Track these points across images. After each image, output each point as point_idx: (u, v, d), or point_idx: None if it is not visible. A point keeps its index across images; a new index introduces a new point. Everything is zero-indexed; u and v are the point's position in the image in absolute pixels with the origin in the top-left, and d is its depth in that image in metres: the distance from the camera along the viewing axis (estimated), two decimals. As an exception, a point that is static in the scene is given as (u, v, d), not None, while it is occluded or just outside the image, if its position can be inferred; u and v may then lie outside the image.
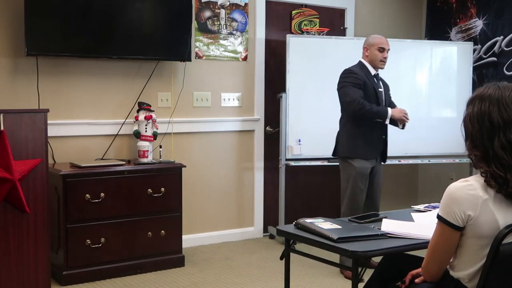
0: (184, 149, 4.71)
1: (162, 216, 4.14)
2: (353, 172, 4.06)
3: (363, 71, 4.09)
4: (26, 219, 3.46)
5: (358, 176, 4.06)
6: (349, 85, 4.02)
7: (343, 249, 2.26)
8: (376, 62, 4.09)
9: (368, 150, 4.08)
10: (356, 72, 4.05)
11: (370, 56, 4.11)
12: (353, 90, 4.00)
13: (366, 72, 4.09)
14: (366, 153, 4.07)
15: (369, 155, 4.08)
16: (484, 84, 2.03)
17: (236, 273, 4.14)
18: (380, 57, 4.08)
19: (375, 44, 4.10)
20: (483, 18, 5.44)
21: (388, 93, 4.26)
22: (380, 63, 4.10)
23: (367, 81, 4.05)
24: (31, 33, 3.85)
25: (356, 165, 4.05)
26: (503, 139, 1.89)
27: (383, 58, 4.09)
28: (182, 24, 4.44)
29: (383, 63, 4.11)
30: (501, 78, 5.11)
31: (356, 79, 4.01)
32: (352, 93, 3.99)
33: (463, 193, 1.91)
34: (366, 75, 4.08)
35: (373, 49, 4.10)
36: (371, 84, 4.06)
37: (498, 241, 1.87)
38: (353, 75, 4.04)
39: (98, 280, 3.89)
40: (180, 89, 4.65)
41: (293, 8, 5.25)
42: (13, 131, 3.38)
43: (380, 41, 4.12)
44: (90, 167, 3.93)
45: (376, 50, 4.09)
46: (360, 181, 4.06)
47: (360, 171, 4.05)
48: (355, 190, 4.07)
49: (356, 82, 4.01)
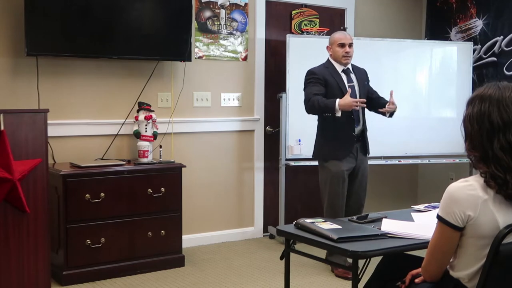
0: (184, 149, 4.71)
1: (162, 216, 4.14)
2: (329, 176, 4.04)
3: (328, 69, 4.09)
4: (26, 219, 3.46)
5: (334, 180, 4.02)
6: (307, 86, 4.06)
7: (343, 249, 2.25)
8: (339, 58, 4.08)
9: (340, 150, 4.04)
10: (314, 72, 4.06)
11: (333, 54, 4.11)
12: (308, 89, 4.02)
13: (331, 70, 4.09)
14: (338, 154, 4.03)
15: (341, 155, 4.03)
16: (484, 84, 2.02)
17: (236, 273, 4.14)
18: (341, 53, 4.06)
19: (335, 41, 4.09)
20: (483, 18, 5.44)
21: (364, 84, 4.19)
22: (343, 58, 4.07)
23: (330, 78, 4.04)
24: (31, 33, 3.85)
25: (332, 169, 4.03)
26: (502, 140, 1.89)
27: (345, 53, 4.06)
28: (182, 24, 4.44)
29: (346, 58, 4.07)
30: (501, 78, 5.11)
31: (314, 78, 4.03)
32: (306, 93, 4.03)
33: (463, 193, 1.91)
34: (331, 72, 4.07)
35: (334, 46, 4.09)
36: (335, 81, 4.04)
37: (498, 241, 1.87)
38: (311, 76, 4.06)
39: (98, 280, 3.89)
40: (180, 89, 4.65)
41: (293, 8, 5.25)
42: (13, 131, 3.38)
43: (339, 37, 4.10)
44: (90, 167, 3.93)
45: (337, 46, 4.08)
46: (337, 184, 4.02)
47: (335, 175, 4.01)
48: (332, 194, 4.04)
49: (314, 81, 4.02)
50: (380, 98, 4.21)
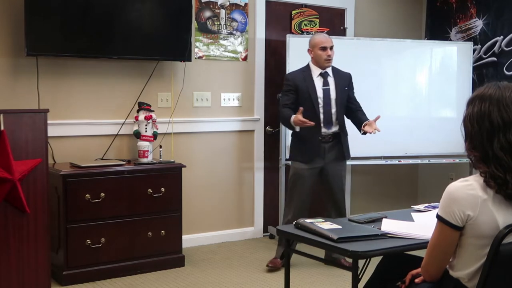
0: (184, 149, 4.71)
1: (162, 216, 4.14)
2: (291, 175, 4.16)
3: (304, 74, 4.11)
4: (26, 219, 3.46)
5: (295, 178, 4.12)
6: (282, 93, 4.16)
7: (343, 249, 2.25)
8: (321, 62, 4.08)
9: (305, 154, 4.09)
10: (288, 78, 4.11)
11: (314, 57, 4.11)
12: (282, 98, 4.14)
13: (306, 75, 4.10)
14: (302, 157, 4.10)
15: (306, 158, 4.09)
16: (484, 84, 2.02)
17: (236, 273, 4.14)
18: (324, 56, 4.06)
19: (317, 44, 4.09)
20: (483, 18, 5.44)
21: (344, 89, 4.13)
22: (325, 62, 4.07)
23: (302, 84, 4.06)
24: (31, 33, 3.85)
25: (295, 166, 4.14)
26: (502, 140, 1.89)
27: (327, 57, 4.06)
28: (182, 24, 4.44)
29: (328, 61, 4.08)
30: (501, 78, 5.11)
31: (287, 85, 4.10)
32: (280, 101, 4.10)
33: (463, 193, 1.91)
34: (305, 78, 4.08)
35: (316, 49, 4.09)
36: (307, 88, 4.05)
37: (498, 241, 1.87)
38: (285, 82, 4.13)
39: (98, 280, 3.89)
40: (180, 89, 4.65)
41: (293, 8, 5.25)
42: (13, 131, 3.38)
43: (320, 40, 4.09)
44: (90, 167, 3.93)
45: (318, 50, 4.07)
46: (295, 182, 4.11)
47: (296, 173, 4.11)
48: (292, 191, 4.14)
49: (286, 89, 4.11)
50: (359, 112, 4.16)
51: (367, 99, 5.10)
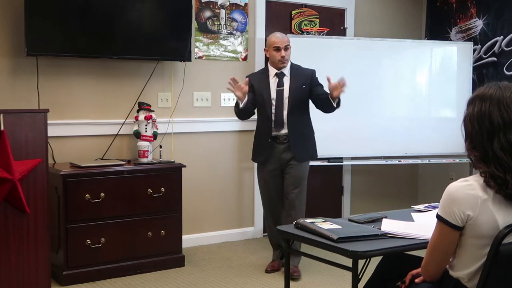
0: (184, 149, 4.71)
1: (162, 216, 4.14)
2: (258, 176, 4.25)
3: (261, 75, 4.12)
4: (26, 219, 3.46)
5: (258, 179, 4.23)
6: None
7: (343, 249, 2.25)
8: (276, 62, 4.05)
9: (260, 156, 4.15)
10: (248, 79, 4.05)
11: (270, 57, 4.09)
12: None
13: (264, 75, 4.10)
14: (258, 158, 4.18)
15: (261, 159, 4.14)
16: (485, 84, 2.02)
17: (236, 273, 4.14)
18: (277, 57, 4.01)
19: (271, 44, 4.05)
20: (483, 18, 5.44)
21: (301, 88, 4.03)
22: (279, 62, 4.03)
23: (257, 84, 4.06)
24: (31, 33, 3.85)
25: (258, 169, 4.22)
26: (503, 140, 1.89)
27: (281, 58, 4.01)
28: (182, 24, 4.44)
29: (282, 62, 4.03)
30: (501, 78, 5.11)
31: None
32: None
33: (463, 193, 1.91)
34: (262, 79, 4.08)
35: (270, 50, 4.05)
36: (261, 88, 4.05)
37: (498, 241, 1.87)
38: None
39: (98, 280, 3.89)
40: (180, 89, 4.65)
41: (293, 8, 5.25)
42: (13, 131, 3.38)
43: (274, 41, 4.03)
44: (90, 167, 3.93)
45: (273, 50, 4.03)
46: (259, 183, 4.22)
47: (258, 174, 4.22)
48: (262, 195, 4.26)
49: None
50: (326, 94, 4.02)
51: (367, 99, 5.12)
